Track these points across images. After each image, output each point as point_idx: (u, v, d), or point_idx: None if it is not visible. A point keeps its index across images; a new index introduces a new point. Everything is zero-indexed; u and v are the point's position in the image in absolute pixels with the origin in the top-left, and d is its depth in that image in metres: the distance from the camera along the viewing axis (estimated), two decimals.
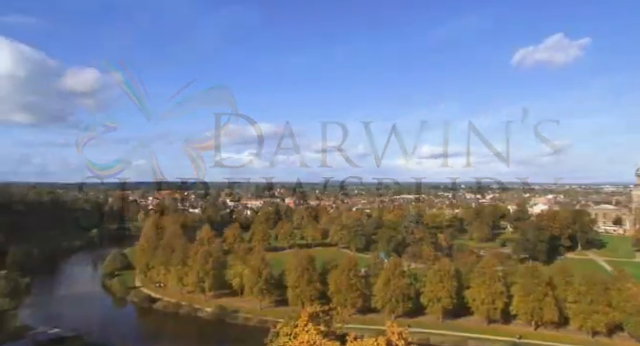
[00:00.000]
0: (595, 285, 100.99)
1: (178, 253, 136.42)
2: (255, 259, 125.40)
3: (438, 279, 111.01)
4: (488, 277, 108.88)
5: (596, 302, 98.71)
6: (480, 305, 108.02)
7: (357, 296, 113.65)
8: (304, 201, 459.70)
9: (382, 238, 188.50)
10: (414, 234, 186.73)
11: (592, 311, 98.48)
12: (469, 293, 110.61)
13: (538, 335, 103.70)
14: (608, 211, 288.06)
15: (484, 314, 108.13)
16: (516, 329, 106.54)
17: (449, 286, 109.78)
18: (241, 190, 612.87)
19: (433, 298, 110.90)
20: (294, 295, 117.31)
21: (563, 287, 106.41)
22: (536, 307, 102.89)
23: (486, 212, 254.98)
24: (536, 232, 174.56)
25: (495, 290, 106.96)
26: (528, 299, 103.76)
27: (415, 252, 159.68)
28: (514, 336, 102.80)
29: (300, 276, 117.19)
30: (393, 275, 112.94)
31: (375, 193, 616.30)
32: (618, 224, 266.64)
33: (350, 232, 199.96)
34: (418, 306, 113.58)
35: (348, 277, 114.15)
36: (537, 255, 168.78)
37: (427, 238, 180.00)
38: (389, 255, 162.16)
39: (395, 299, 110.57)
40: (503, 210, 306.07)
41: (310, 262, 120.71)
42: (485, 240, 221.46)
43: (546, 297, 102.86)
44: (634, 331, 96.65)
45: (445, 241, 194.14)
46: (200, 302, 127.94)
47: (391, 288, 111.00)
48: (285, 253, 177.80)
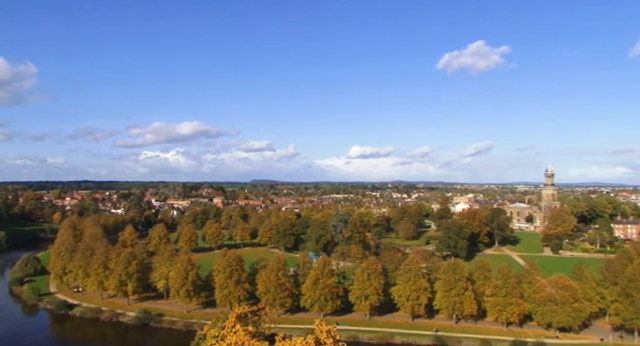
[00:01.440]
0: (509, 279, 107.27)
1: (99, 256, 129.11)
2: (182, 260, 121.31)
3: (366, 277, 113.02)
4: (413, 274, 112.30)
5: (510, 295, 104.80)
6: (405, 301, 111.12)
7: (286, 296, 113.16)
8: (233, 201, 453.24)
9: (311, 237, 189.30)
10: (343, 233, 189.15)
11: (507, 303, 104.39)
12: (395, 290, 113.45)
13: (458, 328, 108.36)
14: (522, 209, 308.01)
15: (409, 310, 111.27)
16: (439, 323, 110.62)
17: (376, 284, 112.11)
18: (167, 190, 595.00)
19: (361, 296, 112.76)
20: (222, 296, 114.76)
21: (482, 282, 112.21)
22: (457, 301, 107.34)
23: (411, 211, 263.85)
24: (457, 230, 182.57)
25: (419, 286, 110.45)
26: (450, 294, 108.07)
27: (344, 251, 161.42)
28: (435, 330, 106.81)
29: (228, 277, 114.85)
30: (322, 274, 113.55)
31: (305, 193, 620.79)
32: (530, 221, 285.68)
33: (279, 232, 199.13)
34: (347, 304, 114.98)
35: (277, 277, 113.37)
36: (458, 252, 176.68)
37: (355, 237, 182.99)
38: (318, 254, 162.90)
39: (324, 298, 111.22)
40: (427, 209, 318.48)
41: (239, 262, 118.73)
42: (411, 238, 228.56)
43: (466, 292, 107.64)
44: (541, 319, 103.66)
45: (373, 240, 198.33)
46: (122, 306, 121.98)
47: (320, 287, 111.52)
48: (213, 254, 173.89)
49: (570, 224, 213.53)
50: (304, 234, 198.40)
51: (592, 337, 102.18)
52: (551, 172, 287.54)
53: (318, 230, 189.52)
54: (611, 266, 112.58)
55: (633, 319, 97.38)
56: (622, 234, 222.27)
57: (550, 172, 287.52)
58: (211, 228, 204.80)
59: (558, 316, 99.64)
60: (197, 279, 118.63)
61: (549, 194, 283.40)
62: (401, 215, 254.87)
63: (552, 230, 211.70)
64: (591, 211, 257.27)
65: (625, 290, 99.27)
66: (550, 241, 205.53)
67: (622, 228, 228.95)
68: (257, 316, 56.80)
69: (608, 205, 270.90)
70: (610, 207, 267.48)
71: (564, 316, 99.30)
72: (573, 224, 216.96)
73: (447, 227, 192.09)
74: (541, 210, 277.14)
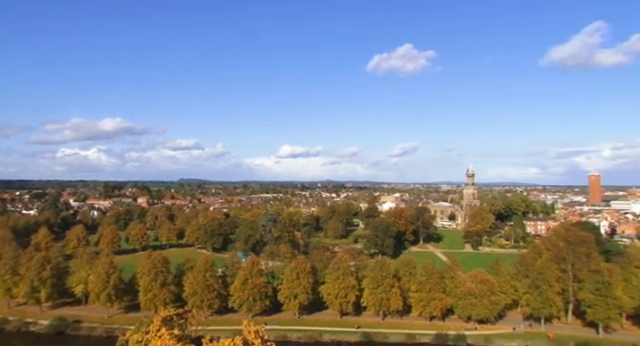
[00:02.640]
0: (433, 275, 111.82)
1: (7, 260, 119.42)
2: (103, 263, 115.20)
3: (295, 276, 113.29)
4: (342, 272, 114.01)
5: (434, 290, 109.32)
6: (334, 299, 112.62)
7: (214, 297, 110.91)
8: (159, 201, 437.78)
9: (240, 237, 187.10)
10: (272, 233, 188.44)
11: (430, 298, 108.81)
12: (324, 288, 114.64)
13: (385, 324, 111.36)
14: (445, 208, 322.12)
15: (338, 308, 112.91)
16: (366, 320, 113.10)
17: (305, 283, 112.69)
18: (87, 189, 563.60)
19: (290, 295, 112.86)
20: (147, 299, 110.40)
21: (407, 278, 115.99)
22: (384, 298, 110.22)
23: (340, 210, 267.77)
24: (385, 228, 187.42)
25: (348, 284, 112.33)
26: (377, 291, 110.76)
27: (273, 250, 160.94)
28: (364, 326, 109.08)
29: (153, 279, 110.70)
30: (251, 274, 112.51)
31: (233, 192, 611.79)
32: (452, 219, 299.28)
33: (207, 232, 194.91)
34: (276, 304, 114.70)
35: (205, 278, 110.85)
36: (385, 250, 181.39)
37: (285, 236, 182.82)
38: (247, 254, 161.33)
39: (253, 298, 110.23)
40: (356, 208, 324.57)
41: (164, 264, 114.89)
42: (339, 237, 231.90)
43: (393, 288, 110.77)
44: (462, 313, 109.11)
45: (302, 239, 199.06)
46: (34, 315, 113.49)
47: (249, 287, 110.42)
48: (137, 255, 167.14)
49: (488, 222, 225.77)
50: (233, 234, 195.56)
51: (506, 327, 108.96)
52: (472, 172, 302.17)
53: (247, 230, 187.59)
54: (523, 260, 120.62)
55: (541, 308, 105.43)
56: (533, 230, 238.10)
57: (471, 172, 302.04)
58: (135, 229, 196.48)
59: (477, 309, 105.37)
60: (119, 282, 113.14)
61: (470, 193, 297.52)
62: (330, 214, 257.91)
63: (472, 227, 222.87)
64: (507, 209, 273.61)
65: (535, 282, 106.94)
66: (470, 238, 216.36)
67: (533, 225, 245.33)
68: (184, 319, 55.05)
69: (522, 203, 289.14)
70: (523, 205, 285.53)
71: (482, 309, 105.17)
72: (491, 221, 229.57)
73: (375, 226, 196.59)
74: (462, 208, 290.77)
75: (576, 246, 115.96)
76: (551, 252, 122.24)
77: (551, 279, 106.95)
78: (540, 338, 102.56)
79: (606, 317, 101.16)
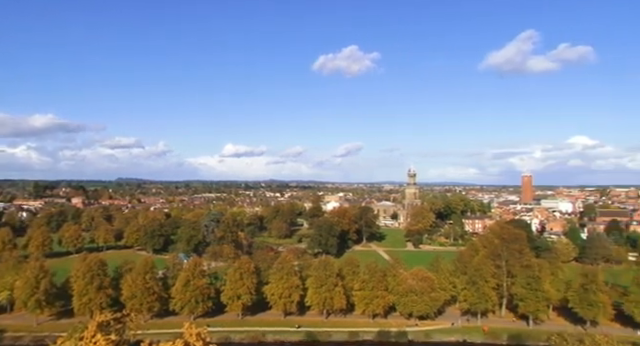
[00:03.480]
0: (376, 273, 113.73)
1: None
2: (32, 267, 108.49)
3: (238, 277, 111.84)
4: (285, 272, 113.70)
5: (376, 288, 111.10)
6: (278, 299, 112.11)
7: (154, 300, 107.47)
8: (95, 201, 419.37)
9: (182, 238, 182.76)
10: (215, 233, 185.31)
11: (373, 296, 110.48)
12: (268, 288, 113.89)
13: (329, 323, 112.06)
14: (387, 207, 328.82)
15: (282, 307, 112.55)
16: (310, 319, 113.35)
17: (249, 283, 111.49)
18: (15, 189, 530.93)
19: (233, 296, 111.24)
20: (81, 304, 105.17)
21: (351, 277, 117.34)
22: (327, 297, 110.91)
23: (284, 210, 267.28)
24: (328, 228, 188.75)
25: (292, 284, 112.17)
26: (321, 290, 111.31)
27: (216, 251, 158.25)
28: (308, 325, 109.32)
29: (89, 283, 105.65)
30: (193, 275, 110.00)
31: (175, 192, 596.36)
32: (395, 218, 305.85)
33: (147, 233, 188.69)
34: (219, 305, 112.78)
35: (144, 280, 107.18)
36: (329, 249, 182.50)
37: (228, 237, 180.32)
38: (189, 255, 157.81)
39: (195, 300, 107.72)
40: (300, 208, 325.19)
41: (101, 267, 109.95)
42: (284, 237, 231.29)
43: (336, 287, 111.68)
44: (403, 310, 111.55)
45: (246, 239, 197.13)
46: None
47: (191, 289, 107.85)
48: (71, 258, 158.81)
49: (429, 220, 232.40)
50: (174, 235, 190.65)
51: (445, 322, 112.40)
52: (413, 172, 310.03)
53: (189, 230, 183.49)
54: (461, 258, 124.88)
55: (477, 303, 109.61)
56: (471, 228, 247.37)
57: (412, 172, 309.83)
58: (69, 230, 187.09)
59: (418, 305, 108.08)
60: (51, 287, 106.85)
61: (411, 193, 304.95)
62: (274, 214, 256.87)
63: (414, 226, 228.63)
64: (447, 208, 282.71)
65: (472, 278, 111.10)
66: (412, 236, 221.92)
67: (471, 223, 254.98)
68: (121, 323, 52.86)
69: (460, 203, 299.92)
70: (462, 204, 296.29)
71: (423, 305, 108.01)
72: (432, 220, 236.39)
73: (319, 225, 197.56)
74: (404, 208, 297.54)
75: (510, 243, 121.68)
76: (487, 249, 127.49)
77: (487, 275, 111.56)
78: (476, 332, 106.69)
79: (535, 309, 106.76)
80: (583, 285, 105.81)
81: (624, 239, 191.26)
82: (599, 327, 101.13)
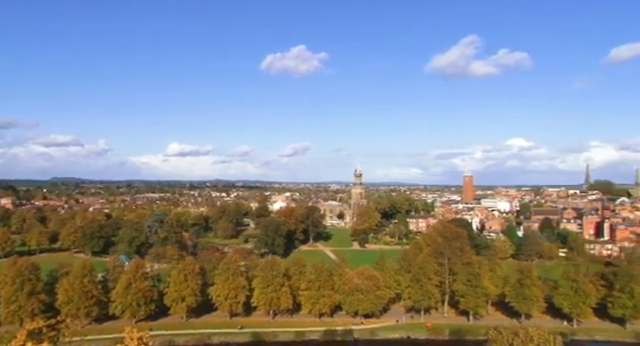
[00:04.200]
0: (322, 273, 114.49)
1: None
2: None
3: (183, 278, 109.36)
4: (231, 273, 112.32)
5: (323, 287, 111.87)
6: (224, 300, 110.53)
7: (93, 304, 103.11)
8: (27, 201, 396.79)
9: (123, 239, 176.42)
10: (158, 234, 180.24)
11: (320, 296, 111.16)
12: (214, 290, 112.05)
13: (275, 323, 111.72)
14: (334, 207, 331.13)
15: (227, 309, 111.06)
16: (256, 320, 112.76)
17: (194, 284, 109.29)
18: None
19: (177, 298, 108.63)
20: (9, 312, 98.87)
21: (297, 277, 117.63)
22: (274, 297, 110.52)
23: (230, 210, 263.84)
24: (275, 228, 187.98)
25: (238, 285, 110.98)
26: (267, 290, 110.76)
27: (159, 252, 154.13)
28: (254, 326, 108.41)
29: (19, 288, 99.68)
30: (134, 278, 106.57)
31: (116, 192, 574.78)
32: (341, 218, 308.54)
33: (86, 234, 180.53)
34: (162, 307, 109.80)
35: (82, 284, 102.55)
36: (276, 249, 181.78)
37: (172, 237, 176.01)
38: (130, 257, 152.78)
39: (136, 303, 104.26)
40: (246, 208, 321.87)
41: (33, 271, 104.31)
42: (230, 237, 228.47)
43: (283, 287, 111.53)
44: (349, 308, 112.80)
45: (190, 240, 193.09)
46: None
47: (132, 291, 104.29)
48: None
49: (375, 220, 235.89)
50: (115, 236, 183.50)
51: (390, 320, 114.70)
52: (359, 172, 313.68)
53: (131, 231, 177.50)
54: (406, 256, 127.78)
55: (421, 300, 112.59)
56: (415, 227, 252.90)
57: (359, 172, 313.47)
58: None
59: (363, 304, 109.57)
60: None
61: (357, 192, 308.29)
62: (220, 214, 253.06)
63: (360, 226, 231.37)
64: (392, 208, 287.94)
65: (416, 276, 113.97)
66: (358, 236, 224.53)
67: (415, 222, 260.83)
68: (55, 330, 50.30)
69: (405, 202, 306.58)
70: (407, 204, 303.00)
71: (368, 303, 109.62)
72: (377, 220, 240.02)
73: (265, 225, 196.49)
74: (350, 207, 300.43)
75: (452, 241, 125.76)
76: (430, 247, 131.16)
77: (430, 273, 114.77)
78: (420, 328, 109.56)
79: (475, 305, 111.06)
80: (519, 280, 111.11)
81: (555, 236, 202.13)
82: (532, 320, 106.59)
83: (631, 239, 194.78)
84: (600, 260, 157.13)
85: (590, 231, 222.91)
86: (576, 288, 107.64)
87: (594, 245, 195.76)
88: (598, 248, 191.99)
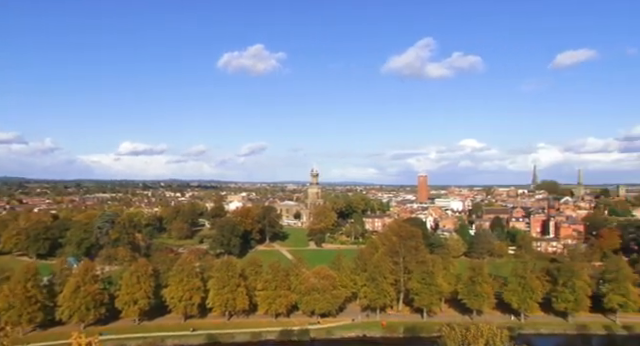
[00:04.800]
0: (279, 273, 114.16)
1: None
2: None
3: (135, 280, 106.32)
4: (186, 274, 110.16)
5: (279, 287, 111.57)
6: (178, 302, 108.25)
7: (37, 309, 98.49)
8: None
9: (71, 241, 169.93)
10: (109, 235, 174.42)
11: (276, 296, 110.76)
12: (167, 291, 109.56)
13: (231, 324, 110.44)
14: (290, 207, 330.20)
15: (182, 311, 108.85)
16: (212, 321, 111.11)
17: (146, 286, 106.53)
18: None
19: (129, 301, 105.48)
20: None
21: (254, 277, 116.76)
22: (230, 298, 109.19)
23: (185, 210, 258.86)
24: (231, 228, 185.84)
25: (192, 286, 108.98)
26: (223, 291, 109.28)
27: (110, 254, 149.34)
28: (209, 328, 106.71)
29: None
30: (83, 281, 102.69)
31: (64, 192, 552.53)
32: (298, 218, 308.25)
33: (30, 236, 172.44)
34: (113, 311, 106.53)
35: (25, 289, 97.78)
36: (232, 249, 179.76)
37: (124, 238, 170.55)
38: (79, 259, 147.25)
39: (85, 307, 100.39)
40: (202, 208, 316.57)
41: None
42: (184, 237, 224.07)
43: (239, 288, 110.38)
44: (306, 308, 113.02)
45: (143, 241, 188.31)
46: None
47: (81, 295, 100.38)
48: None
49: (331, 219, 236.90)
50: (62, 238, 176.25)
51: (346, 318, 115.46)
52: (316, 172, 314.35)
53: (80, 233, 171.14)
54: (362, 255, 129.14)
55: (376, 299, 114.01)
56: (371, 227, 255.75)
57: (315, 172, 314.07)
58: None
59: (320, 303, 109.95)
60: None
61: (314, 192, 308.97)
62: (174, 214, 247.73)
63: (316, 225, 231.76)
64: (348, 207, 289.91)
65: (372, 275, 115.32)
66: (315, 235, 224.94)
67: (371, 222, 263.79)
68: None
69: (361, 202, 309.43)
70: (363, 204, 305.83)
71: (325, 303, 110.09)
72: (334, 219, 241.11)
73: (221, 225, 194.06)
74: (307, 207, 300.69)
75: (407, 240, 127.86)
76: (386, 246, 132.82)
77: (386, 271, 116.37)
78: (375, 327, 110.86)
79: (429, 303, 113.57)
80: (471, 278, 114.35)
81: (505, 234, 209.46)
82: (483, 315, 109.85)
83: (573, 236, 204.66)
84: (546, 257, 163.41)
85: (537, 229, 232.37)
86: (524, 284, 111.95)
87: (540, 242, 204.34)
88: (544, 245, 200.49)
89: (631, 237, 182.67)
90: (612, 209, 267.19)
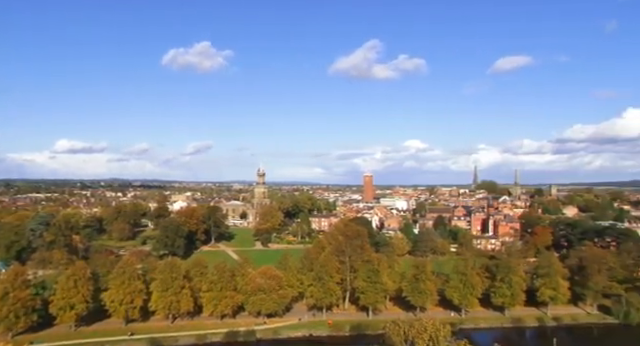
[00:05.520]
0: (224, 273, 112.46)
1: None
2: None
3: (72, 284, 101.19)
4: (127, 276, 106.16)
5: (225, 288, 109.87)
6: (119, 306, 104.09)
7: None
8: None
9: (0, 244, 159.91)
10: (43, 237, 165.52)
11: (222, 297, 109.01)
12: (107, 295, 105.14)
13: (175, 327, 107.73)
14: (236, 206, 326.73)
15: (123, 314, 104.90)
16: (155, 325, 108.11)
17: (84, 290, 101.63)
18: None
19: (65, 306, 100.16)
20: None
21: (199, 278, 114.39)
22: (174, 300, 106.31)
23: (127, 210, 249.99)
24: (175, 228, 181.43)
25: (134, 289, 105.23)
26: (167, 294, 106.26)
27: (44, 257, 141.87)
28: (152, 331, 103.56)
29: None
30: (13, 286, 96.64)
31: None
32: (244, 218, 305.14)
33: None
34: (47, 317, 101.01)
35: None
36: (176, 250, 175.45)
37: (60, 241, 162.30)
38: (8, 263, 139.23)
39: (14, 314, 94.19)
40: (145, 208, 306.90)
41: None
42: (126, 239, 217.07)
43: (183, 289, 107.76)
44: (252, 309, 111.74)
45: (82, 243, 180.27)
46: None
47: (10, 302, 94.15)
48: None
49: (278, 219, 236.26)
50: None
51: (293, 318, 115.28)
52: (263, 172, 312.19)
53: (10, 235, 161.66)
54: (308, 255, 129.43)
55: (323, 298, 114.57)
56: (318, 226, 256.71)
57: (262, 172, 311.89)
58: None
59: (266, 303, 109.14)
60: None
61: (260, 192, 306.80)
62: (116, 215, 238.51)
63: (263, 225, 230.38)
64: (295, 207, 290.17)
65: (318, 274, 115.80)
66: (261, 235, 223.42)
67: (318, 221, 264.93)
68: None
69: (308, 201, 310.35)
70: (309, 203, 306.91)
71: (271, 303, 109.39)
72: (280, 219, 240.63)
73: (165, 226, 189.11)
74: (254, 207, 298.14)
75: (353, 239, 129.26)
76: (332, 246, 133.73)
77: (332, 271, 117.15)
78: (322, 326, 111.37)
79: (375, 301, 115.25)
80: (414, 276, 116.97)
81: (448, 233, 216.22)
82: (427, 312, 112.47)
83: (511, 234, 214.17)
84: (485, 254, 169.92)
85: (477, 227, 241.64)
86: (465, 281, 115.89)
87: (480, 240, 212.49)
88: (484, 243, 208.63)
89: (561, 234, 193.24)
90: (545, 208, 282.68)
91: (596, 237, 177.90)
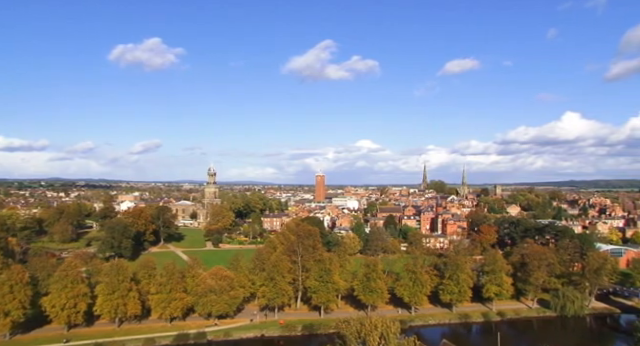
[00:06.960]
0: (174, 275, 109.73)
1: None
2: None
3: (7, 290, 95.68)
4: (70, 280, 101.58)
5: (174, 290, 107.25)
6: (60, 311, 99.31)
7: None
8: None
9: None
10: None
11: (171, 299, 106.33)
12: (48, 300, 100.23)
13: (121, 331, 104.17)
14: (187, 206, 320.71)
15: (65, 320, 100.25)
16: (100, 329, 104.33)
17: (21, 296, 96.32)
18: None
19: (0, 313, 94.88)
20: None
21: (147, 280, 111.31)
22: (120, 303, 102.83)
23: (70, 211, 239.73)
24: (122, 229, 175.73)
25: (78, 292, 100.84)
26: (113, 297, 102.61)
27: None
28: (97, 336, 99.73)
29: None
30: None
31: None
32: (194, 218, 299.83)
33: None
34: None
35: None
36: (123, 252, 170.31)
37: None
38: None
39: None
40: (89, 208, 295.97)
41: None
42: (69, 241, 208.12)
43: (130, 292, 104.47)
44: (202, 310, 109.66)
45: (19, 245, 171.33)
46: None
47: None
48: None
49: (229, 219, 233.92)
50: None
51: (244, 319, 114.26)
52: (213, 171, 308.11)
53: None
54: (260, 255, 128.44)
55: (275, 298, 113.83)
56: (270, 226, 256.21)
57: (212, 171, 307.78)
58: None
59: (217, 305, 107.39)
60: None
61: (211, 192, 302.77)
62: (57, 216, 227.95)
63: (213, 225, 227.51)
64: (246, 207, 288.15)
65: (270, 274, 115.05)
66: (212, 236, 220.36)
67: (270, 221, 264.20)
68: None
69: (259, 201, 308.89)
70: (261, 203, 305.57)
71: (222, 304, 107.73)
72: (231, 219, 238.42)
73: (111, 227, 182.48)
74: (204, 207, 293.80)
75: (305, 239, 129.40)
76: (284, 246, 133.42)
77: (284, 271, 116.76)
78: (274, 326, 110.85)
79: (327, 300, 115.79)
80: (366, 274, 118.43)
81: (398, 232, 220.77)
82: (378, 310, 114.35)
83: (458, 232, 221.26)
84: (434, 252, 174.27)
85: (427, 226, 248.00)
86: (414, 279, 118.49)
87: (430, 239, 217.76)
88: (433, 241, 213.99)
89: (505, 232, 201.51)
90: (491, 207, 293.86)
91: (537, 235, 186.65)
